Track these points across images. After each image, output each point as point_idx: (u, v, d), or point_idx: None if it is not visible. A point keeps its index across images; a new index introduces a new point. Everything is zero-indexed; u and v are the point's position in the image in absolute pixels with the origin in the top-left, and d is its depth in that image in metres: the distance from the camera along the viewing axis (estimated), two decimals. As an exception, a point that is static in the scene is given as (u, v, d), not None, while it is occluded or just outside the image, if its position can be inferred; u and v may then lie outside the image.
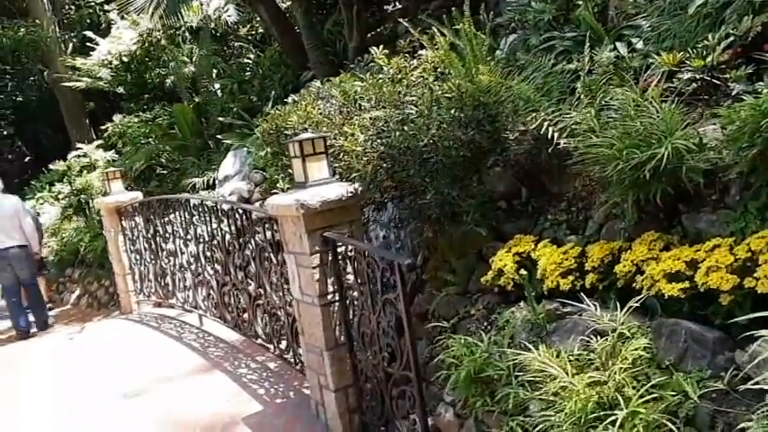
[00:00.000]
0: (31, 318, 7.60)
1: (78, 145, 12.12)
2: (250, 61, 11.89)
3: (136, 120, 11.44)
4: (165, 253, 6.41)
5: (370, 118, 3.76)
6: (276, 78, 9.69)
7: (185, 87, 11.23)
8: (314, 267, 3.67)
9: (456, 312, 3.59)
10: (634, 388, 2.32)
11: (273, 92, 8.95)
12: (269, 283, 4.53)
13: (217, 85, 11.01)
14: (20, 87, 16.94)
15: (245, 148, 8.21)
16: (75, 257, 10.21)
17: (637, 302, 2.53)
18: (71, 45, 14.80)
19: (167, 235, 6.26)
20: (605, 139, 2.93)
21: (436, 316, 3.64)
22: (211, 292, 5.54)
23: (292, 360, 4.42)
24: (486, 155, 3.79)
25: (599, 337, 2.58)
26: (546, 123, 3.26)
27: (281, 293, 4.39)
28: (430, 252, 3.89)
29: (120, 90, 12.91)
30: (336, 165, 4.06)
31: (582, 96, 3.23)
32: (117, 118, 11.71)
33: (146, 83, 12.44)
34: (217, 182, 8.32)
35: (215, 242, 5.33)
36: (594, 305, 2.65)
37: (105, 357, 5.61)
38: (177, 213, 5.96)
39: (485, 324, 3.36)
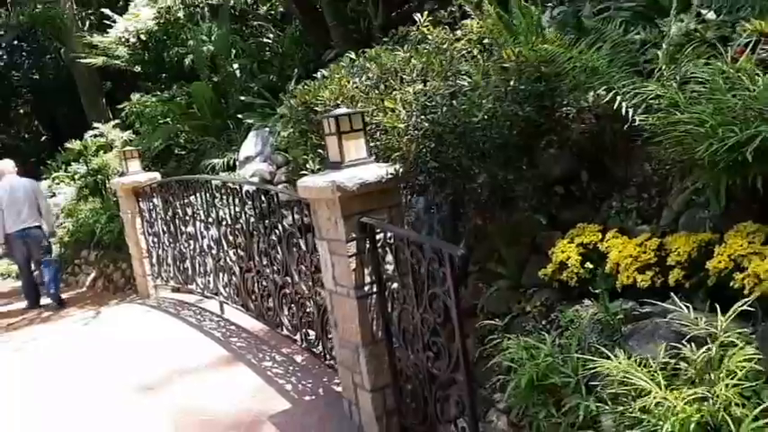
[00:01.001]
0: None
1: (95, 124, 11.83)
2: (270, 40, 11.52)
3: (154, 99, 11.14)
4: (184, 236, 6.10)
5: (414, 92, 3.39)
6: (297, 57, 9.33)
7: (204, 66, 10.89)
8: (350, 256, 3.32)
9: (508, 309, 3.23)
10: (744, 406, 1.96)
11: (296, 70, 8.57)
12: (297, 271, 4.20)
13: (236, 65, 10.65)
14: (36, 65, 16.70)
15: (267, 129, 7.87)
16: (91, 239, 9.94)
17: (743, 305, 2.15)
18: (88, 22, 14.51)
19: (187, 217, 5.95)
20: (693, 116, 2.55)
21: (485, 312, 3.29)
22: (233, 278, 5.23)
23: (321, 354, 4.10)
24: (541, 134, 3.42)
25: (690, 344, 2.22)
26: (619, 98, 2.87)
27: (310, 282, 4.06)
28: (477, 241, 3.54)
29: (138, 69, 12.61)
30: (373, 144, 3.71)
31: (663, 67, 2.83)
32: (134, 97, 11.41)
33: (164, 62, 12.11)
34: (237, 163, 8.00)
35: (238, 226, 5.01)
36: (687, 306, 2.28)
37: (120, 346, 5.32)
38: (198, 195, 5.64)
39: (543, 323, 3.00)
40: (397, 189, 3.47)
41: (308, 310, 4.17)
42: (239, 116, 8.49)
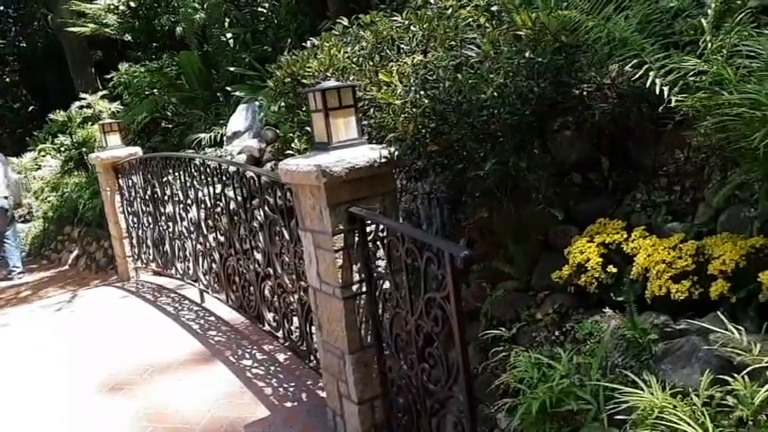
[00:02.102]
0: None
1: (82, 95, 11.32)
2: (265, 10, 10.98)
3: (142, 69, 10.64)
4: (163, 217, 5.68)
5: (413, 63, 2.94)
6: (292, 28, 8.81)
7: (195, 35, 10.36)
8: (336, 251, 2.91)
9: (515, 314, 2.83)
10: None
11: (289, 40, 8.07)
12: (279, 262, 3.79)
13: (228, 35, 10.13)
14: (24, 33, 16.10)
15: (257, 102, 7.42)
16: (74, 215, 9.53)
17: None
18: (76, -12, 13.89)
19: (166, 197, 5.52)
20: (746, 97, 2.12)
21: (489, 317, 2.88)
22: (214, 265, 4.82)
23: (305, 354, 3.70)
24: (554, 115, 2.99)
25: (742, 376, 1.82)
26: (652, 74, 2.44)
27: (293, 276, 3.65)
28: (482, 235, 3.12)
29: (128, 38, 12.10)
30: (366, 123, 3.29)
31: (708, 38, 2.39)
32: (123, 67, 10.90)
33: (154, 30, 11.57)
34: (225, 138, 7.55)
35: (218, 209, 4.58)
36: (739, 329, 1.88)
37: (90, 337, 4.93)
38: (177, 174, 5.21)
39: (556, 333, 2.60)
40: (391, 175, 3.04)
41: (292, 305, 3.76)
42: (228, 88, 8.00)
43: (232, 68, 8.07)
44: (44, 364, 4.47)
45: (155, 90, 9.72)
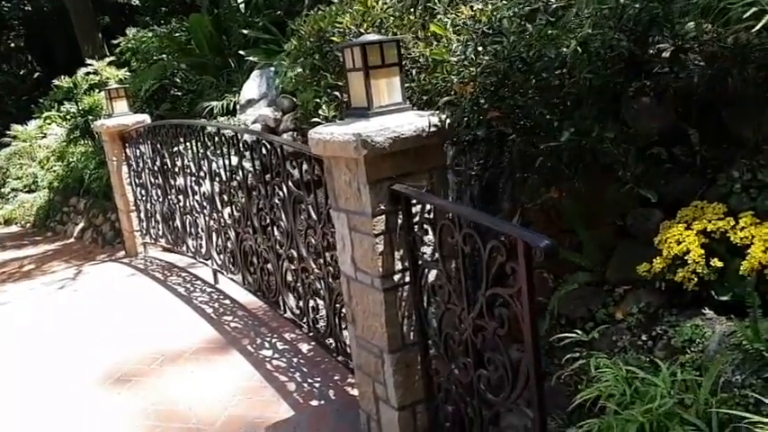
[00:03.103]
0: None
1: (88, 61, 10.84)
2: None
3: (150, 34, 10.15)
4: (174, 190, 5.27)
5: (473, 12, 2.47)
6: (308, -10, 8.29)
7: (204, 1, 9.86)
8: (376, 234, 2.49)
9: (588, 313, 2.40)
10: None
11: (306, 1, 7.55)
12: (304, 243, 3.38)
13: (239, -1, 9.62)
14: (28, -5, 15.58)
15: (273, 68, 6.95)
16: (80, 186, 9.15)
17: None
18: (81, -53, 13.36)
19: (176, 169, 5.10)
20: None
21: (556, 315, 2.46)
22: (229, 244, 4.41)
23: (333, 346, 3.31)
24: (633, 77, 2.53)
25: None
26: (776, 24, 1.98)
27: (320, 260, 3.24)
28: (547, 218, 2.68)
29: (136, 2, 11.61)
30: (407, 86, 2.84)
31: None
32: (130, 32, 10.42)
33: (163, -7, 11.14)
34: (238, 107, 7.11)
35: (234, 183, 4.16)
36: None
37: (94, 319, 4.56)
38: (189, 143, 4.78)
39: (643, 338, 2.18)
40: (440, 147, 2.61)
41: (319, 292, 3.36)
42: (241, 53, 7.52)
43: (245, 31, 7.56)
44: (41, 351, 4.11)
45: (164, 56, 9.26)
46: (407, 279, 2.56)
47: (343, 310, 3.04)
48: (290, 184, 3.41)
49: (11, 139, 12.59)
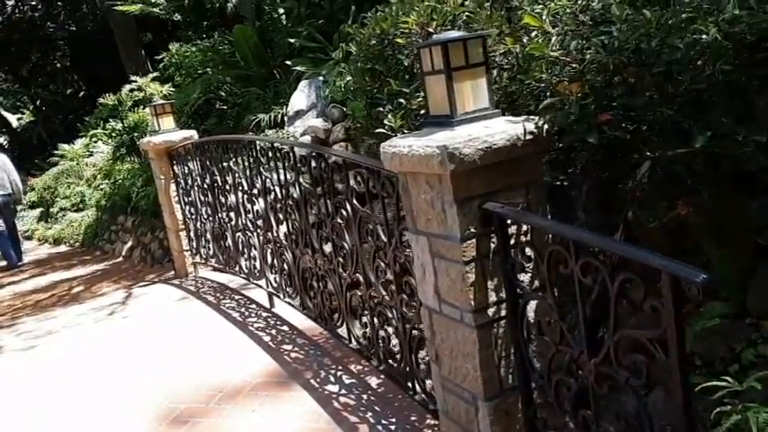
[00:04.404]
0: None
1: (132, 78, 10.78)
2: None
3: (194, 49, 10.03)
4: (224, 208, 5.01)
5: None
6: (351, -1, 8.00)
7: (250, 8, 9.66)
8: (467, 262, 2.13)
9: (731, 352, 2.00)
10: None
11: (352, 7, 7.25)
12: (373, 268, 3.04)
13: (281, 10, 9.39)
14: (73, 16, 15.71)
15: (321, 77, 6.66)
16: (127, 204, 9.02)
17: None
18: (124, -33, 13.39)
19: (228, 186, 4.84)
20: None
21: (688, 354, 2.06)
22: (285, 265, 4.11)
23: (409, 385, 2.96)
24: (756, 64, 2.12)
25: None
26: None
27: (392, 286, 2.89)
28: (671, 236, 2.28)
29: (178, 18, 11.53)
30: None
31: None
32: (173, 47, 10.33)
33: (204, 8, 11.00)
34: (286, 118, 6.84)
35: (290, 201, 3.86)
36: None
37: (147, 350, 4.30)
38: (240, 159, 4.51)
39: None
40: (537, 157, 2.24)
41: (390, 321, 3.02)
42: (288, 62, 7.26)
43: (292, 40, 7.29)
44: (91, 387, 3.86)
45: (207, 69, 9.10)
46: (503, 313, 2.20)
47: (426, 348, 2.70)
48: (354, 202, 3.08)
49: (58, 159, 12.66)
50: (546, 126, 2.11)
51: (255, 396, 3.37)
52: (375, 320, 3.14)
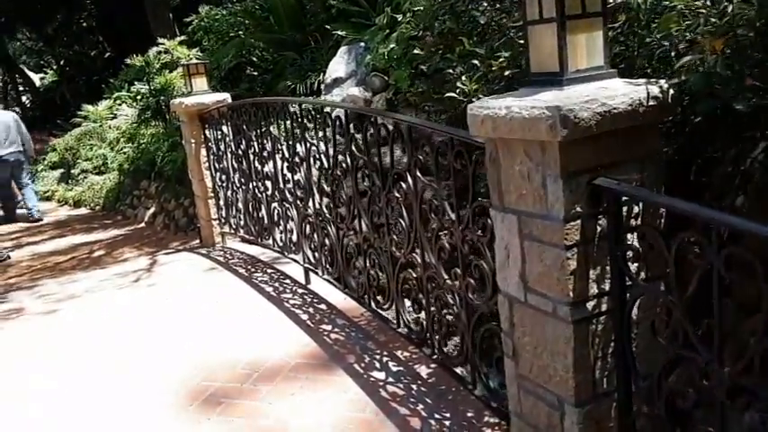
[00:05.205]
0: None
1: (160, 40, 10.48)
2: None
3: (224, 12, 9.71)
4: (260, 177, 4.73)
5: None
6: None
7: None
8: (569, 247, 1.83)
9: None
10: None
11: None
12: (434, 250, 2.74)
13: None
14: (101, -25, 15.43)
15: (362, 44, 6.33)
16: (151, 169, 8.78)
17: None
18: (154, -75, 13.07)
19: (265, 153, 4.55)
20: None
21: None
22: (327, 240, 3.83)
23: (468, 378, 2.68)
24: None
25: None
26: None
27: (458, 270, 2.60)
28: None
29: (207, -21, 11.23)
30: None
31: None
32: (203, 10, 10.02)
33: (238, -30, 10.66)
34: (322, 86, 6.51)
35: (338, 171, 3.56)
36: None
37: (176, 322, 4.06)
38: (280, 124, 4.22)
39: None
40: (656, 127, 1.93)
41: (450, 307, 2.73)
42: (327, 27, 6.91)
43: (333, 1, 6.94)
44: (116, 356, 3.63)
45: (240, 33, 8.78)
46: (604, 308, 1.91)
47: (484, 333, 2.43)
48: (417, 173, 2.78)
49: (81, 120, 12.42)
50: (672, 91, 1.80)
51: (295, 378, 3.11)
52: (432, 306, 2.85)
